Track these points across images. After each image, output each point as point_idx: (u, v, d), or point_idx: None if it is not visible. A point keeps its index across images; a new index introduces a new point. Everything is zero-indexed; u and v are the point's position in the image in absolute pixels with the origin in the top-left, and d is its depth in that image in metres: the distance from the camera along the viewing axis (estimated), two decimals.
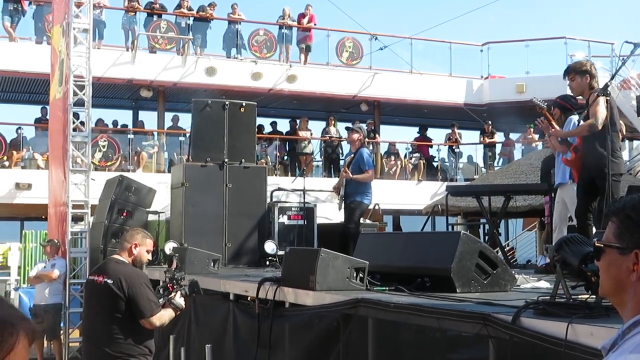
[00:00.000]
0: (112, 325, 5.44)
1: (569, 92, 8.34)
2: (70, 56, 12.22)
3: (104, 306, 5.52)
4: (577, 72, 7.40)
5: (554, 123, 7.92)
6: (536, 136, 21.27)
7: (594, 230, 7.27)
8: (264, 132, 20.95)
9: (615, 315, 1.95)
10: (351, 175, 9.97)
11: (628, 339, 1.71)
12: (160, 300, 5.71)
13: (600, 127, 6.94)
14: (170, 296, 5.77)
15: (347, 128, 11.05)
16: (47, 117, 17.83)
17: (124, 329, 5.44)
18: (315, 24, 21.52)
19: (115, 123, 20.69)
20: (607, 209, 1.93)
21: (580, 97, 7.76)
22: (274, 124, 21.55)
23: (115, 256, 5.76)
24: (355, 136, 10.33)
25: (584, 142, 7.42)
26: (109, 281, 5.46)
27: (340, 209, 10.27)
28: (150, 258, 6.17)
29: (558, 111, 8.39)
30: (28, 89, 21.00)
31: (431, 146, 22.37)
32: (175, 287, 5.84)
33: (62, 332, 12.21)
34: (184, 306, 5.86)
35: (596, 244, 1.87)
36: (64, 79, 12.52)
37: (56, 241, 12.30)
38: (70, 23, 12.18)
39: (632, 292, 1.77)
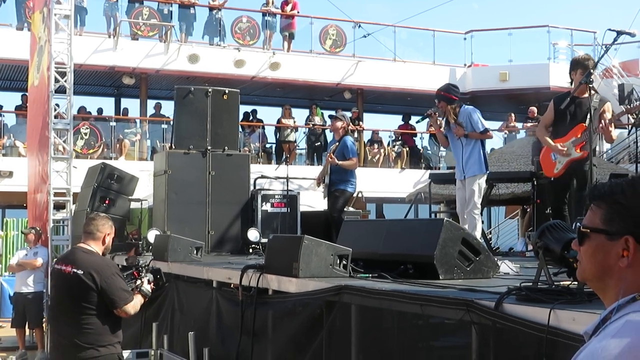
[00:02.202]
0: (82, 316, 5.38)
1: (552, 79, 8.44)
2: (51, 43, 12.12)
3: (73, 297, 5.45)
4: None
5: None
6: (519, 124, 21.37)
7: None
8: (251, 120, 20.89)
9: (597, 301, 1.96)
10: (337, 161, 9.97)
11: (610, 323, 1.71)
12: (121, 272, 5.71)
13: None
14: (138, 283, 5.75)
15: (330, 116, 11.05)
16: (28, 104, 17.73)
17: (94, 320, 5.39)
18: (298, 12, 21.46)
19: (100, 111, 20.58)
20: (590, 193, 1.91)
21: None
22: (253, 112, 21.47)
23: (83, 245, 5.67)
24: (339, 124, 10.33)
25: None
26: (79, 272, 5.38)
27: (325, 197, 10.28)
28: None
29: (444, 104, 8.35)
30: (8, 75, 20.81)
31: (415, 135, 22.39)
32: (141, 274, 5.82)
33: (44, 320, 12.19)
34: (150, 293, 5.85)
35: (582, 229, 1.86)
36: (45, 66, 12.43)
37: (38, 229, 12.25)
38: (52, 9, 12.07)
39: (619, 277, 1.77)
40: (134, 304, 5.57)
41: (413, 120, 22.97)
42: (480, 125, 8.28)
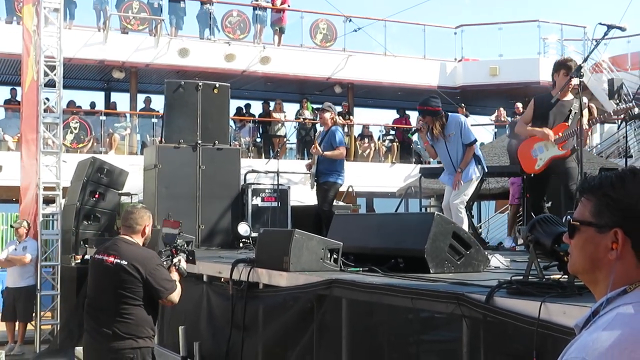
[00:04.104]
0: (124, 306, 5.39)
1: (542, 74, 8.47)
2: (40, 36, 12.06)
3: (115, 287, 5.44)
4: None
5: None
6: (508, 119, 21.40)
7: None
8: (244, 114, 20.88)
9: (588, 294, 1.96)
10: (321, 151, 9.90)
11: (601, 316, 1.72)
12: (164, 264, 5.75)
13: None
14: (175, 261, 5.80)
15: (317, 109, 10.98)
16: (17, 98, 17.65)
17: (136, 310, 5.41)
18: (289, 6, 21.43)
19: (93, 105, 20.51)
20: (581, 186, 1.91)
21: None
22: (247, 106, 21.47)
23: (124, 236, 5.70)
24: (327, 115, 10.22)
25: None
26: (123, 262, 5.40)
27: (312, 187, 10.24)
28: None
29: (430, 118, 8.22)
30: None
31: (409, 131, 22.31)
32: (178, 252, 5.87)
33: (32, 314, 12.16)
34: (186, 272, 5.92)
35: (572, 222, 1.87)
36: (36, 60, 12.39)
37: (28, 222, 12.21)
38: (41, 2, 12.01)
39: (608, 270, 1.77)
40: (178, 292, 5.64)
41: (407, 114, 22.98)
42: (471, 135, 8.26)
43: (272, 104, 20.91)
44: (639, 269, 1.75)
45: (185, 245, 6.02)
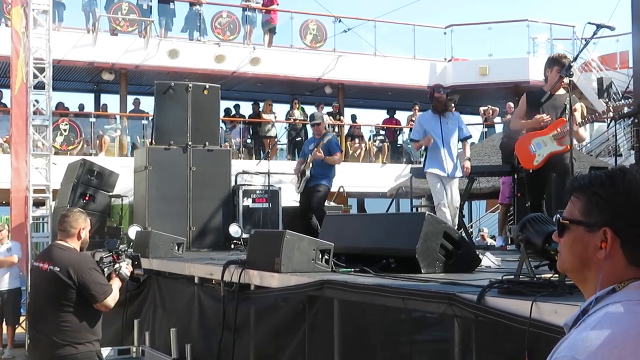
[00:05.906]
0: (60, 313, 5.33)
1: (531, 73, 8.52)
2: (29, 38, 12.02)
3: (50, 294, 5.40)
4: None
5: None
6: (497, 119, 21.44)
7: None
8: (231, 115, 20.87)
9: (579, 293, 1.96)
10: (324, 156, 10.09)
11: (590, 315, 1.72)
12: (105, 270, 5.70)
13: None
14: (116, 267, 5.77)
15: (313, 124, 11.10)
16: (4, 100, 17.57)
17: (71, 317, 5.34)
18: (277, 4, 21.41)
19: (81, 107, 20.45)
20: (570, 185, 1.91)
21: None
22: (236, 107, 21.44)
23: (60, 242, 5.61)
24: (322, 127, 10.73)
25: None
26: (56, 269, 5.34)
27: (300, 190, 10.33)
28: None
29: (445, 96, 8.94)
30: None
31: (400, 130, 22.35)
32: (120, 257, 5.83)
33: (20, 317, 12.10)
34: (129, 276, 5.87)
35: (561, 221, 1.87)
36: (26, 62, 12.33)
37: (7, 225, 12.17)
38: (29, 4, 11.97)
39: (597, 269, 1.77)
40: (114, 296, 5.53)
41: (397, 114, 23.00)
42: (468, 131, 8.97)
43: (261, 104, 20.89)
44: (628, 268, 1.75)
45: (127, 250, 5.98)
